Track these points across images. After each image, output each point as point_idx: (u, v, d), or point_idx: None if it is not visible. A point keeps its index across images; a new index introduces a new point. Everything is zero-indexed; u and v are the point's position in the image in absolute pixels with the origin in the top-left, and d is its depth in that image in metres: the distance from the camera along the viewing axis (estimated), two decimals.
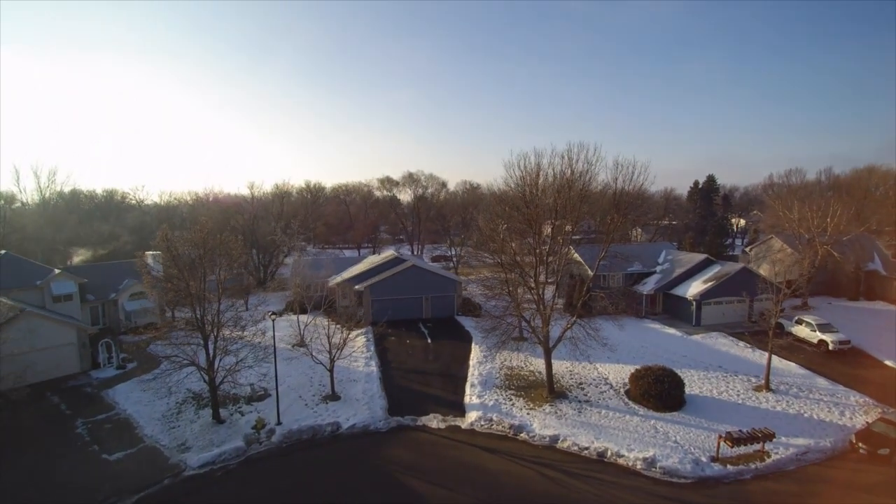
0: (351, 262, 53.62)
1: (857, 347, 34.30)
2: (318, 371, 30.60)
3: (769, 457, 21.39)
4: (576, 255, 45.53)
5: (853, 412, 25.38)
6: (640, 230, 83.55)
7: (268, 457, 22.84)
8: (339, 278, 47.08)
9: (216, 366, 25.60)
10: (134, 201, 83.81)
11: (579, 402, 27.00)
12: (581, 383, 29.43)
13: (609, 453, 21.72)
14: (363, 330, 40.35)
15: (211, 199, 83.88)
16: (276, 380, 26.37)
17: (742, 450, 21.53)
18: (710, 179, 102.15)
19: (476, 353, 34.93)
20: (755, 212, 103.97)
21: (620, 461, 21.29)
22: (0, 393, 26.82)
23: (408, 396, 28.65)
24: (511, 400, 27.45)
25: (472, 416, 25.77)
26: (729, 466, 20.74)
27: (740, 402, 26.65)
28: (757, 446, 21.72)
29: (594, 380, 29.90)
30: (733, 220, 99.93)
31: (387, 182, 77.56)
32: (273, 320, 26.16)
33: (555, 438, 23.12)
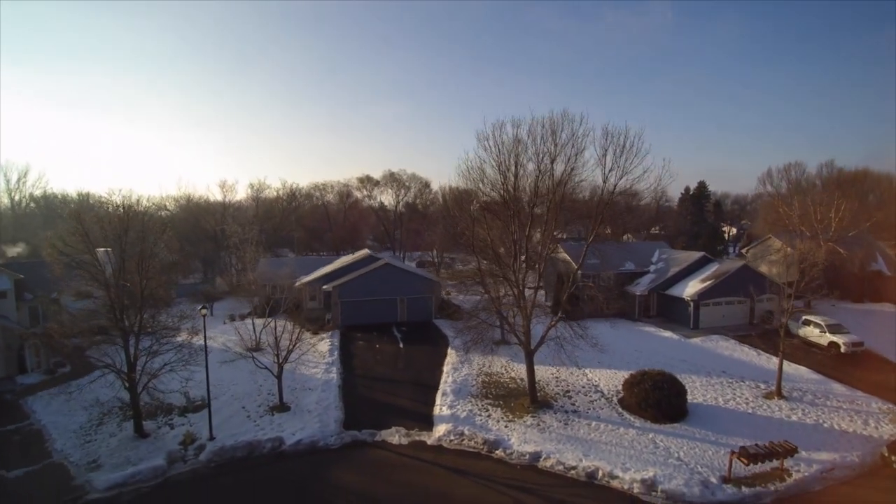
0: (324, 262, 49.75)
1: (871, 350, 31.11)
2: (269, 379, 26.56)
3: (790, 476, 17.87)
4: (563, 251, 42.29)
5: (878, 421, 22.03)
6: (629, 237, 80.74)
7: (191, 479, 18.98)
8: (306, 279, 43.18)
9: (138, 370, 21.70)
10: (111, 206, 78.82)
11: (566, 412, 23.35)
12: (568, 391, 25.80)
13: (600, 474, 18.06)
14: (329, 334, 36.54)
15: (184, 201, 79.52)
16: (208, 387, 22.41)
17: (758, 468, 18.01)
18: (701, 186, 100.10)
19: (452, 358, 31.21)
20: (745, 221, 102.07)
21: (614, 483, 17.63)
22: None
23: (369, 407, 24.81)
24: (487, 411, 23.73)
25: (440, 429, 22.00)
26: (744, 488, 17.17)
27: (750, 411, 23.17)
28: (775, 463, 18.23)
29: (583, 387, 26.30)
30: (725, 229, 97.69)
31: (367, 181, 74.07)
32: (203, 315, 22.27)
33: (536, 456, 19.43)
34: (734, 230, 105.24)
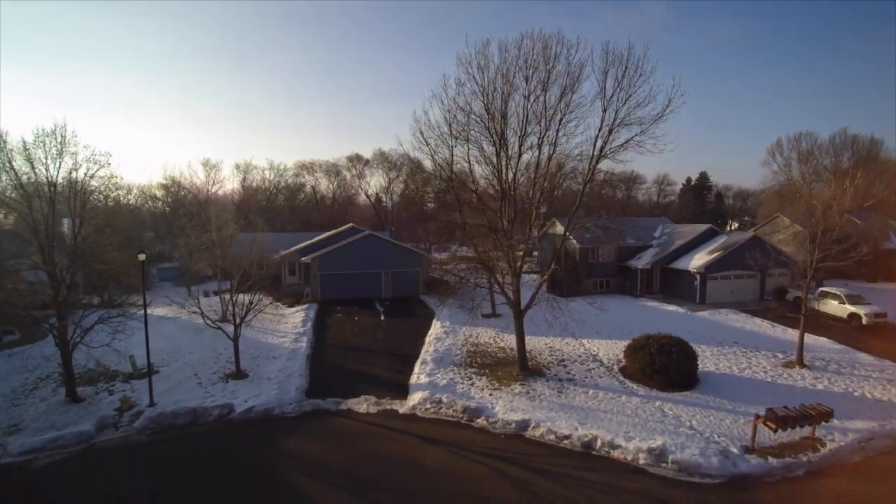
0: (307, 238, 46.82)
1: (892, 324, 28.40)
2: (230, 347, 23.71)
3: (824, 445, 15.11)
4: (559, 225, 39.48)
5: None
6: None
7: (121, 446, 16.24)
8: (285, 252, 40.30)
9: (72, 326, 18.87)
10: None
11: (559, 380, 20.56)
12: (563, 360, 23.01)
13: (599, 443, 15.27)
14: (305, 307, 33.72)
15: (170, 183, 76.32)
16: (147, 349, 19.58)
17: (786, 436, 15.27)
18: (703, 176, 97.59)
19: (436, 329, 28.38)
20: (745, 218, 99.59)
21: (615, 454, 14.83)
22: None
23: (338, 376, 22.00)
24: (470, 379, 20.91)
25: (415, 397, 19.18)
26: (771, 459, 14.38)
27: (769, 379, 20.41)
28: (805, 432, 15.50)
29: (580, 356, 23.50)
30: (729, 224, 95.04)
31: (356, 161, 71.07)
32: (142, 261, 19.32)
33: (523, 424, 16.63)
34: (736, 225, 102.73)
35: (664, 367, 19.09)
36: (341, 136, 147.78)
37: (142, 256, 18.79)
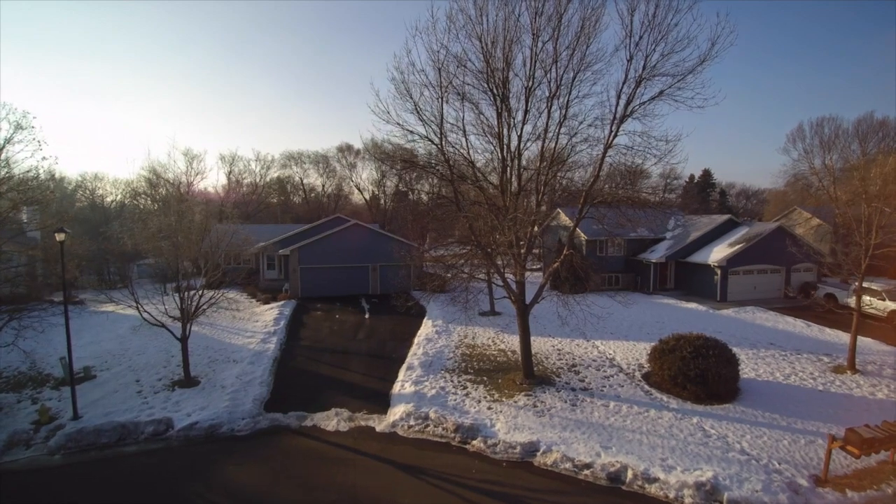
0: (289, 230, 43.29)
1: None
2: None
3: None
4: (563, 216, 36.10)
5: None
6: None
7: (25, 470, 12.85)
8: (262, 243, 36.76)
9: None
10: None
11: (572, 390, 17.13)
12: (574, 365, 19.59)
13: (630, 474, 11.85)
14: (281, 303, 30.19)
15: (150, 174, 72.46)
16: (69, 349, 16.00)
17: (860, 462, 11.96)
18: (706, 174, 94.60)
19: (427, 328, 24.94)
20: (747, 219, 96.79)
21: (652, 489, 11.42)
22: None
23: (307, 384, 18.53)
24: (465, 388, 17.47)
25: (396, 411, 15.71)
26: (851, 493, 11.01)
27: (821, 387, 17.03)
28: (883, 454, 12.18)
29: (594, 360, 20.09)
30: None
31: (347, 151, 67.48)
32: (61, 242, 15.77)
33: (531, 448, 13.21)
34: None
35: (701, 374, 15.68)
36: (333, 131, 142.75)
37: (60, 236, 15.21)
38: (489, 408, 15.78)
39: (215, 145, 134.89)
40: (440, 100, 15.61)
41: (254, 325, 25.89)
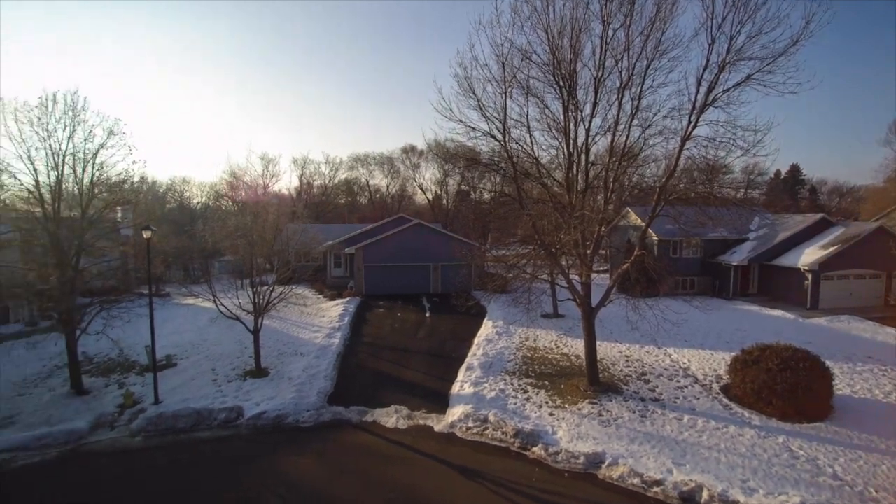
0: (355, 229, 44.56)
1: None
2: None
3: None
4: (633, 215, 34.37)
5: None
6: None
7: (109, 451, 14.08)
8: (330, 242, 38.05)
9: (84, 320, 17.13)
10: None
11: (641, 400, 16.12)
12: (644, 373, 18.45)
13: (705, 495, 10.88)
14: (346, 300, 31.05)
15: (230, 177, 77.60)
16: (153, 341, 17.27)
17: None
18: (794, 169, 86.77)
19: (487, 329, 24.59)
20: (840, 218, 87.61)
21: None
22: None
23: (369, 380, 18.82)
24: (526, 392, 16.96)
25: (455, 412, 15.53)
26: None
27: None
28: None
29: (666, 369, 18.82)
30: None
31: (410, 152, 68.47)
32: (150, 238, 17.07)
33: (595, 459, 12.51)
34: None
35: (789, 388, 14.16)
36: (398, 132, 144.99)
37: (147, 233, 16.49)
38: (551, 414, 15.19)
39: (289, 148, 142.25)
40: (503, 95, 15.24)
41: (320, 320, 26.78)
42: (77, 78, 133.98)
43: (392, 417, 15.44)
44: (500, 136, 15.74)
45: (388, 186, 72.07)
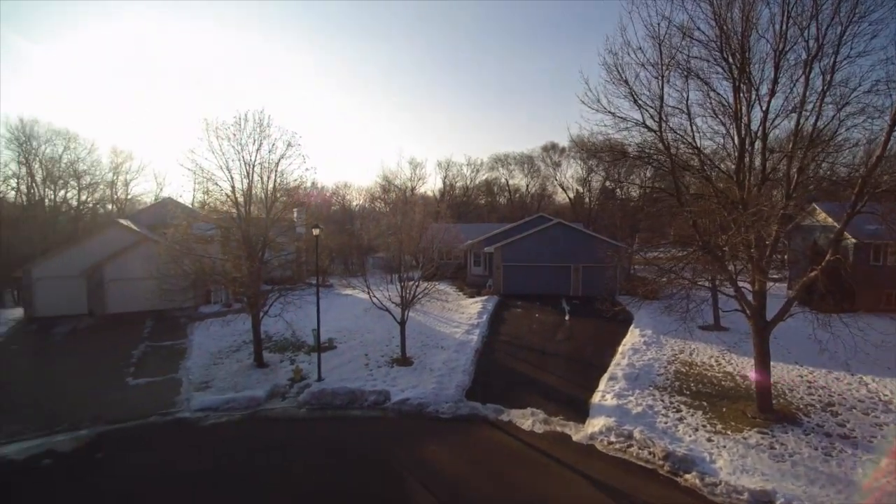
0: (494, 229, 45.08)
1: None
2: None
3: None
4: (821, 212, 28.84)
5: None
6: None
7: (281, 417, 16.42)
8: (470, 241, 39.09)
9: (266, 304, 20.29)
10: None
11: (826, 435, 13.46)
12: (830, 404, 15.38)
13: None
14: (484, 298, 31.58)
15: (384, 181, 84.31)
16: (318, 326, 19.59)
17: None
18: None
19: (634, 337, 22.90)
20: None
21: None
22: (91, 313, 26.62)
23: (505, 378, 18.89)
24: (679, 411, 15.34)
25: (596, 423, 14.71)
26: None
27: None
28: None
29: (860, 401, 15.46)
30: None
31: (551, 150, 66.58)
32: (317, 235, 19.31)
33: (763, 498, 10.77)
34: None
35: None
36: (538, 131, 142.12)
37: (316, 231, 18.80)
38: (709, 439, 13.51)
39: (434, 152, 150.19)
40: (659, 79, 13.94)
41: (460, 316, 27.66)
42: (262, 98, 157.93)
43: (528, 420, 15.23)
44: (654, 126, 14.44)
45: (527, 186, 71.64)
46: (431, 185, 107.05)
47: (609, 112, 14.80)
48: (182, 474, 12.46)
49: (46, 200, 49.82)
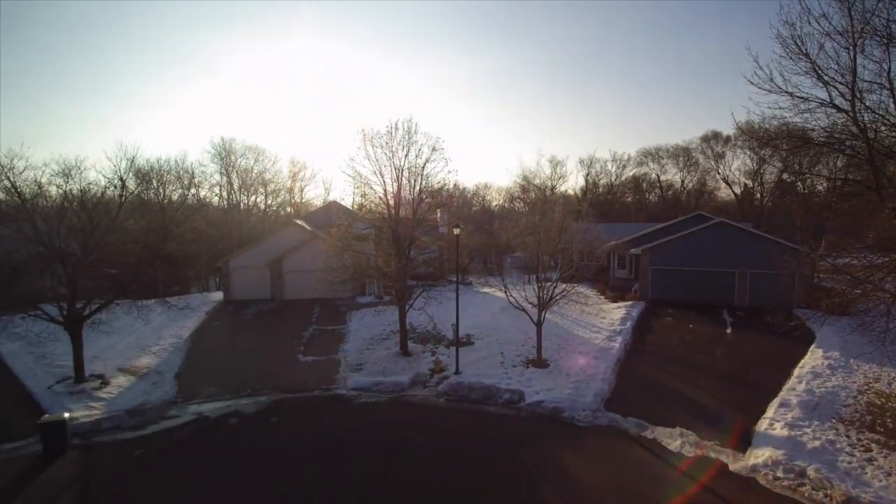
0: (642, 228, 41.98)
1: None
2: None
3: None
4: None
5: None
6: None
7: (421, 404, 17.72)
8: (614, 241, 37.02)
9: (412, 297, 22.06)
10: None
11: None
12: None
13: None
14: (630, 304, 29.72)
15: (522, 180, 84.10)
16: (457, 323, 20.48)
17: None
18: None
19: (814, 359, 19.56)
20: None
21: None
22: (272, 298, 31.45)
23: (649, 392, 17.62)
24: (868, 450, 12.74)
25: (760, 454, 12.94)
26: None
27: None
28: None
29: None
30: None
31: (712, 140, 58.72)
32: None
33: None
34: None
35: None
36: (695, 120, 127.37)
37: (456, 231, 19.69)
38: None
39: (576, 149, 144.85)
40: (851, 49, 11.67)
41: (600, 321, 26.49)
42: (413, 105, 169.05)
43: (676, 440, 14.02)
44: (845, 105, 12.17)
45: (682, 181, 65.27)
46: (573, 183, 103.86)
47: (786, 92, 12.89)
48: (338, 441, 14.35)
49: (241, 205, 60.31)
